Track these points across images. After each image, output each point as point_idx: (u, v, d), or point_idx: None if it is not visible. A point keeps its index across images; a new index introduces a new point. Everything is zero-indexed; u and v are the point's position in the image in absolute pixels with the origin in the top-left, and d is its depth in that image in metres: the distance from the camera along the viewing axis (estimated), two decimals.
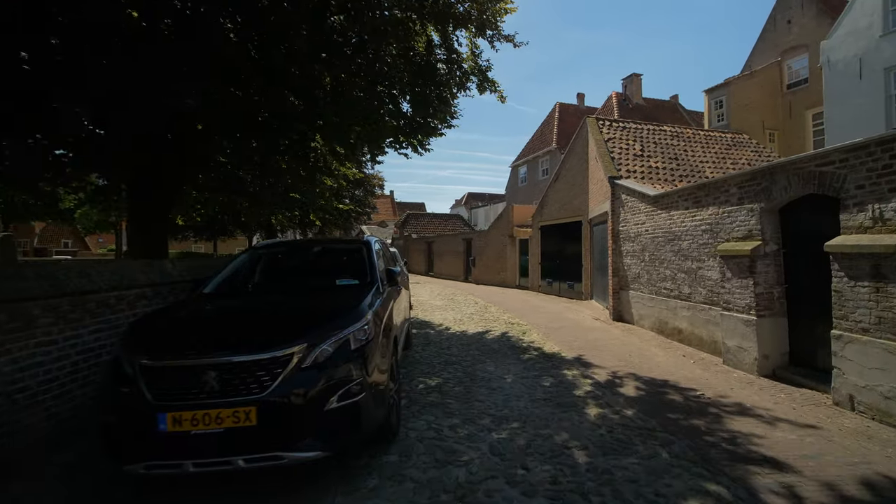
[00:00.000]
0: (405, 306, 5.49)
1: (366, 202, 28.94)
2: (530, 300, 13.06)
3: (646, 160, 10.67)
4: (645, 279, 7.83)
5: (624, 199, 8.66)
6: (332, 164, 12.14)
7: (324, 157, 11.28)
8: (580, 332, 7.84)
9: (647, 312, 7.79)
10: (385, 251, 6.44)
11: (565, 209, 13.62)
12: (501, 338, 7.43)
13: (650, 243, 7.61)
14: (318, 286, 3.95)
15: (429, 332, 8.07)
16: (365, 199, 28.59)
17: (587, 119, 12.30)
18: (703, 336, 6.19)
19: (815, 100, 20.00)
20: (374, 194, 31.59)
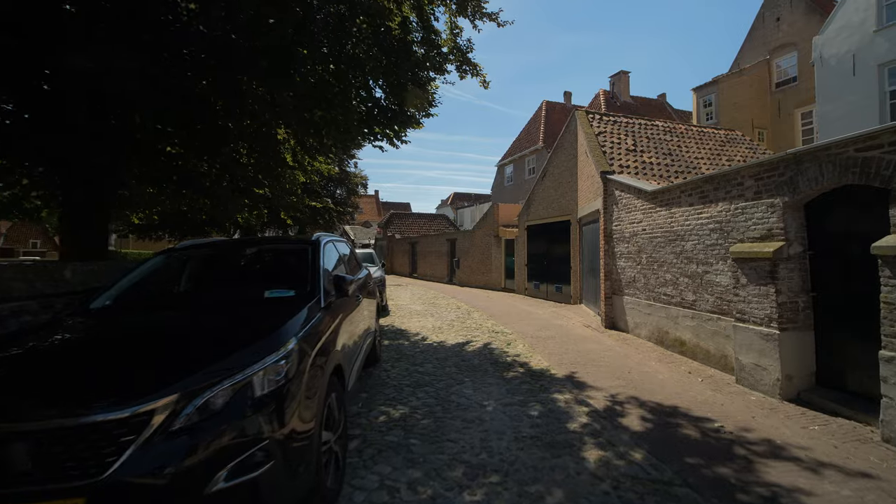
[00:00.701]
0: (366, 320, 4.62)
1: (348, 201, 27.94)
2: (516, 304, 12.28)
3: (639, 155, 9.97)
4: (641, 284, 7.09)
5: (618, 196, 7.92)
6: (304, 158, 11.23)
7: (292, 149, 10.38)
8: (570, 343, 7.06)
9: (644, 320, 7.04)
10: (352, 253, 5.56)
11: (553, 208, 12.89)
12: (483, 350, 6.60)
13: (647, 244, 6.87)
14: (240, 300, 3.06)
15: (403, 343, 7.20)
16: (347, 199, 27.58)
17: (576, 112, 11.58)
18: (711, 349, 5.45)
19: (804, 98, 19.71)
20: (355, 193, 30.49)
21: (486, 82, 7.66)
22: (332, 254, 4.10)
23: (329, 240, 4.18)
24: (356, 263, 5.55)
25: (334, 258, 4.19)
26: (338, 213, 26.21)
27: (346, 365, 3.19)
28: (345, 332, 3.30)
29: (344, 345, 3.18)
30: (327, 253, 3.87)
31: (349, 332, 3.49)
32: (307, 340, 2.46)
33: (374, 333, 5.44)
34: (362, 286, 4.82)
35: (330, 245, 4.11)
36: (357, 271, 5.05)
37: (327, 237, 4.22)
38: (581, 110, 11.59)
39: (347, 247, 5.56)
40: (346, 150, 10.03)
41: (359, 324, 4.03)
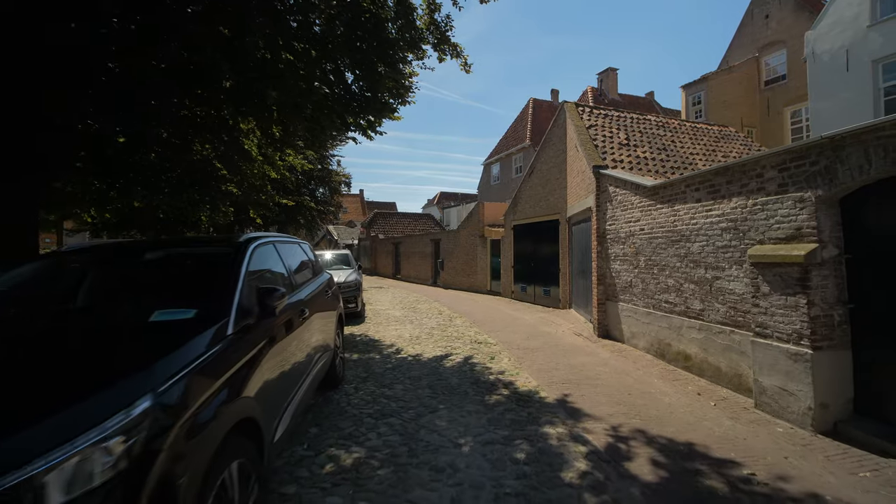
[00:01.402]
0: (318, 340, 3.79)
1: (331, 200, 26.93)
2: (502, 309, 11.54)
3: (632, 150, 9.31)
4: (639, 289, 6.39)
5: (612, 193, 7.22)
6: (272, 151, 10.34)
7: (257, 141, 9.47)
8: (561, 356, 6.32)
9: (642, 330, 6.35)
10: (309, 259, 4.72)
11: (541, 206, 12.18)
12: (464, 365, 5.82)
13: (646, 245, 6.17)
14: (114, 324, 2.22)
15: (373, 357, 6.38)
16: (331, 198, 26.58)
17: (565, 104, 10.89)
18: (722, 366, 4.75)
19: (793, 97, 19.42)
20: (337, 192, 29.45)
21: (467, 65, 6.89)
22: (269, 259, 3.27)
23: (267, 241, 3.35)
24: (313, 269, 4.71)
25: (274, 264, 3.36)
26: (318, 211, 25.18)
27: (268, 413, 2.37)
28: (270, 366, 2.48)
29: (265, 385, 2.35)
30: (260, 258, 3.04)
31: (280, 363, 2.66)
32: (187, 391, 1.64)
33: (334, 351, 4.62)
34: (314, 298, 4.00)
35: (267, 248, 3.28)
36: (309, 280, 4.21)
37: (266, 238, 3.39)
38: (570, 102, 10.91)
39: (305, 249, 4.72)
40: (317, 142, 9.10)
41: (300, 349, 3.21)
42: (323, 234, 45.66)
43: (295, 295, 3.36)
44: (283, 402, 2.74)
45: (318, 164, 21.73)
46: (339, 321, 5.06)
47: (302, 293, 3.56)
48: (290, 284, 3.48)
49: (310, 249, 5.09)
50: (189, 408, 1.63)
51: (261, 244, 3.14)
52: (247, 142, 9.44)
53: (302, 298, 3.48)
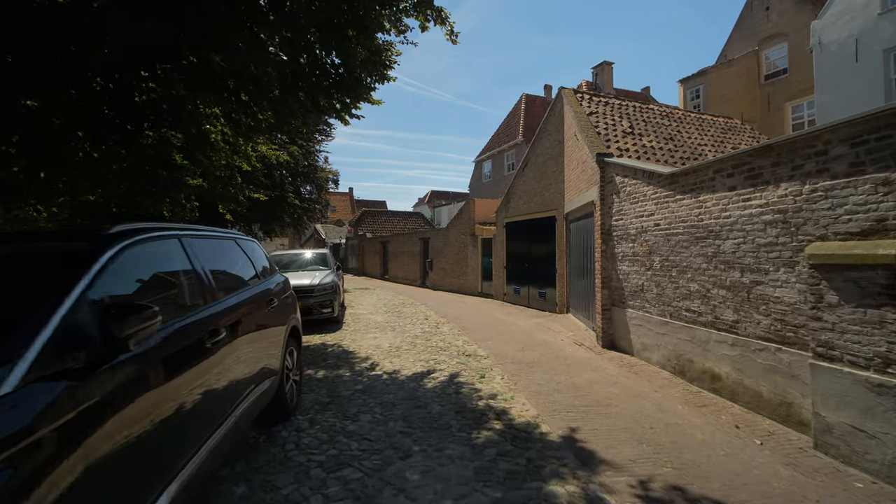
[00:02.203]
0: (243, 374, 2.79)
1: (319, 199, 25.83)
2: (494, 313, 10.61)
3: (637, 138, 8.44)
4: (653, 294, 5.50)
5: (619, 184, 6.32)
6: (237, 138, 9.32)
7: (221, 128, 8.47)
8: (563, 372, 5.41)
9: (656, 342, 5.46)
10: (250, 259, 3.75)
11: (535, 202, 11.28)
12: (448, 386, 4.87)
13: (662, 243, 5.28)
14: None
15: (342, 375, 5.40)
16: (318, 196, 25.48)
17: (563, 90, 10.00)
18: (764, 392, 3.87)
19: (794, 91, 18.78)
20: (324, 189, 28.25)
21: (453, 34, 5.94)
22: (162, 262, 2.30)
23: (163, 236, 2.38)
24: (258, 273, 3.74)
25: (173, 269, 2.39)
26: (304, 209, 24.09)
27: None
28: (122, 433, 1.51)
29: (102, 471, 1.39)
30: (138, 262, 2.07)
31: (149, 422, 1.69)
32: None
33: (281, 375, 3.64)
34: (246, 311, 3.03)
35: (160, 247, 2.30)
36: (242, 288, 3.23)
37: (163, 231, 2.41)
38: (568, 89, 10.02)
39: (244, 247, 3.73)
40: (286, 127, 8.08)
41: (207, 386, 2.24)
42: (311, 234, 44.50)
43: (199, 312, 2.38)
44: (158, 482, 1.77)
45: (303, 160, 20.66)
46: (291, 336, 4.08)
47: (217, 307, 2.59)
48: (200, 296, 2.50)
49: (255, 247, 4.11)
50: None
51: (144, 241, 2.16)
52: (212, 129, 8.45)
53: (212, 314, 2.50)
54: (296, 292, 8.74)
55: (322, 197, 27.06)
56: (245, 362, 2.83)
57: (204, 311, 2.43)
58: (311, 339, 7.69)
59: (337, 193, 55.85)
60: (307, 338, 7.72)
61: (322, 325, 8.90)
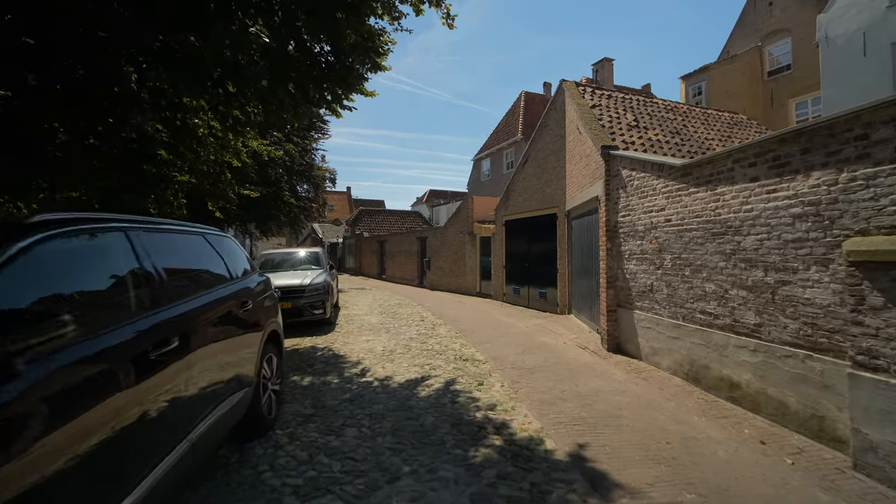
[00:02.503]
0: (205, 387, 2.41)
1: (316, 197, 25.42)
2: (492, 314, 10.24)
3: (643, 132, 8.08)
4: (663, 295, 5.13)
5: (626, 177, 5.96)
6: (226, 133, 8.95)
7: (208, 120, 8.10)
8: (567, 379, 5.04)
9: (667, 346, 5.09)
10: (220, 256, 3.38)
11: (536, 199, 10.92)
12: (444, 395, 4.50)
13: (674, 240, 4.92)
14: None
15: (331, 381, 5.02)
16: (315, 195, 25.09)
17: (564, 83, 9.63)
18: (791, 403, 3.50)
19: (798, 87, 18.46)
20: (320, 187, 27.86)
21: (450, 17, 5.58)
22: (93, 263, 1.92)
23: (97, 229, 2.00)
24: (229, 271, 3.36)
25: (110, 271, 2.01)
26: (300, 208, 23.77)
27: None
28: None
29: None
30: (47, 260, 1.68)
31: (37, 468, 1.32)
32: None
33: (256, 385, 3.27)
34: (212, 316, 2.65)
35: (77, 243, 1.91)
36: (210, 290, 2.85)
37: (96, 224, 2.02)
38: (570, 81, 9.65)
39: (213, 242, 3.35)
40: (276, 118, 7.69)
41: (149, 406, 1.86)
42: (308, 233, 44.09)
43: (144, 319, 2.00)
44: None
45: (299, 158, 20.30)
46: (270, 342, 3.71)
47: (169, 312, 2.21)
48: (149, 299, 2.12)
49: (230, 244, 3.73)
50: None
51: (71, 233, 1.79)
52: (199, 122, 8.09)
53: (161, 322, 2.12)
54: (285, 293, 8.41)
55: (319, 196, 26.71)
56: (209, 373, 2.46)
57: (151, 318, 2.05)
58: (301, 341, 7.31)
59: (334, 192, 55.42)
60: (296, 341, 7.34)
61: (313, 326, 8.52)
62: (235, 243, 3.93)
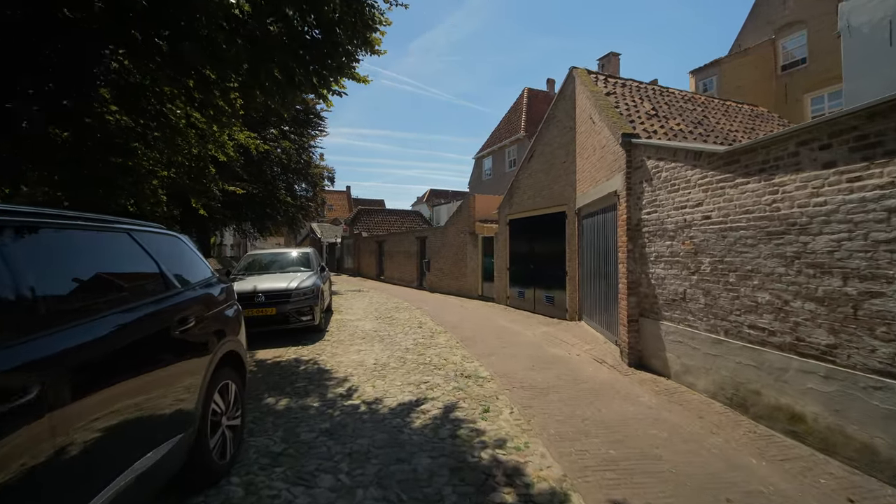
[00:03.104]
0: (96, 443, 1.70)
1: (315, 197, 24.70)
2: (496, 320, 9.51)
3: (663, 121, 7.34)
4: (700, 304, 4.39)
5: (652, 169, 5.22)
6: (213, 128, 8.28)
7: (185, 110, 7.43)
8: (587, 403, 4.30)
9: (704, 364, 4.35)
10: (152, 258, 2.63)
11: (543, 197, 10.18)
12: (442, 426, 3.76)
13: (714, 240, 4.18)
14: None
15: (309, 405, 4.29)
16: (315, 194, 24.37)
17: (575, 70, 8.90)
18: (881, 447, 2.76)
19: (814, 82, 17.69)
20: (318, 185, 27.09)
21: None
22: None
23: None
24: (164, 279, 2.62)
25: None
26: (296, 207, 23.03)
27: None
28: None
29: None
30: None
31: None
32: None
33: (198, 427, 2.53)
34: (122, 342, 1.92)
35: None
36: (126, 308, 2.11)
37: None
38: (581, 69, 8.92)
39: (141, 241, 2.61)
40: (256, 103, 6.94)
41: None
42: (307, 233, 43.38)
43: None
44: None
45: (296, 156, 19.58)
46: (224, 366, 2.97)
47: (40, 344, 1.48)
48: (10, 325, 1.39)
49: (174, 244, 2.99)
50: None
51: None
52: (172, 110, 7.39)
53: (25, 364, 1.39)
54: (269, 297, 7.66)
55: (317, 195, 25.96)
56: (112, 419, 1.73)
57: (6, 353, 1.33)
58: (285, 353, 6.58)
59: (334, 192, 54.69)
60: (278, 352, 6.61)
61: (300, 334, 7.79)
62: (185, 243, 3.20)
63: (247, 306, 7.28)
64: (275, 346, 7.04)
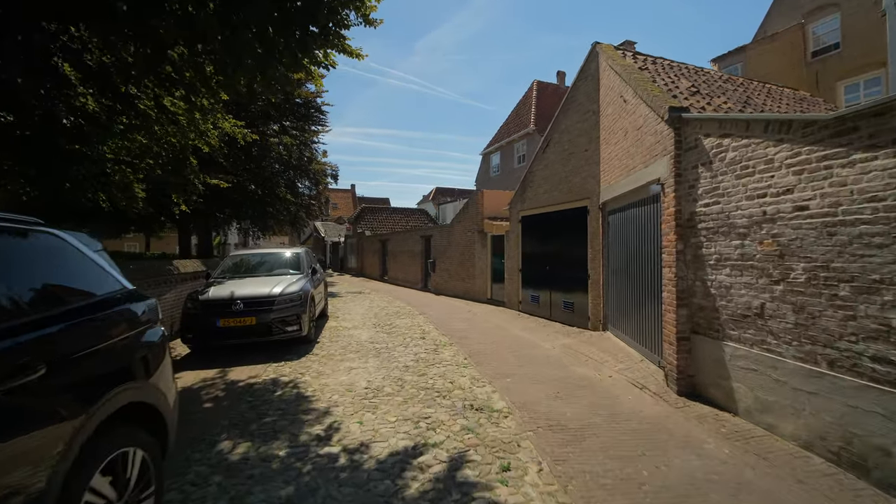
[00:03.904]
0: None
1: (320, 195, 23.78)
2: (509, 328, 8.47)
3: (708, 99, 6.25)
4: (788, 323, 3.33)
5: (712, 149, 4.15)
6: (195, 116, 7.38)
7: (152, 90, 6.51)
8: (639, 456, 3.25)
9: (795, 402, 3.29)
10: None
11: (560, 190, 9.11)
12: (446, 495, 2.74)
13: (815, 239, 3.11)
14: None
15: (275, 454, 3.28)
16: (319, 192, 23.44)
17: (599, 46, 7.82)
18: None
19: (848, 69, 16.41)
20: (320, 183, 26.07)
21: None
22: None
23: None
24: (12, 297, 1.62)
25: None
26: (298, 205, 22.06)
27: None
28: None
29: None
30: None
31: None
32: None
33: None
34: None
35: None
36: None
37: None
38: (606, 44, 7.84)
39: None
40: (235, 81, 5.91)
41: None
42: (310, 232, 42.55)
43: None
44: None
45: (297, 152, 18.64)
46: (116, 427, 1.96)
47: None
48: None
49: (37, 246, 1.98)
50: None
51: None
52: (141, 94, 6.48)
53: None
54: (249, 305, 6.59)
55: (321, 193, 25.03)
56: None
57: None
58: (263, 371, 5.60)
59: (338, 190, 53.79)
60: (255, 370, 5.62)
61: (286, 347, 6.81)
62: (70, 245, 2.19)
63: (223, 315, 6.33)
64: (254, 361, 6.07)
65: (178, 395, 2.60)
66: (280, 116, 15.79)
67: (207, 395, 4.74)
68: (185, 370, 5.72)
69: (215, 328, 6.24)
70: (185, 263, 8.77)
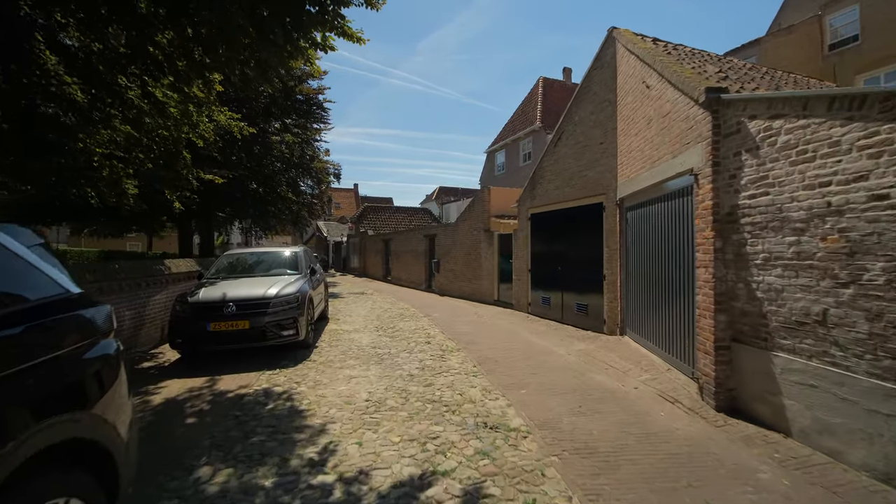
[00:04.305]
0: None
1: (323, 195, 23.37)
2: (519, 332, 7.99)
3: (739, 85, 5.75)
4: (860, 333, 2.84)
5: (759, 133, 3.66)
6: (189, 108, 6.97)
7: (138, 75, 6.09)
8: (682, 487, 2.76)
9: (866, 426, 2.80)
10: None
11: (574, 186, 8.62)
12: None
13: (894, 233, 2.62)
14: None
15: (261, 483, 2.82)
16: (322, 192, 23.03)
17: (616, 31, 7.33)
18: None
19: (868, 61, 15.82)
20: (323, 182, 25.57)
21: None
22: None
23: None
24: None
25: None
26: (300, 204, 21.59)
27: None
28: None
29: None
30: None
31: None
32: None
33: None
34: None
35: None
36: None
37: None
38: (624, 29, 7.35)
39: None
40: (231, 66, 5.43)
41: None
42: (313, 232, 42.17)
43: None
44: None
45: (298, 150, 18.19)
46: (45, 472, 1.50)
47: None
48: None
49: None
50: None
51: None
52: (131, 82, 6.07)
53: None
54: (242, 307, 6.10)
55: (323, 192, 24.60)
56: None
57: None
58: (255, 380, 5.15)
59: (341, 189, 53.44)
60: (246, 378, 5.17)
61: (282, 352, 6.37)
62: (10, 239, 1.74)
63: (214, 318, 5.88)
64: (246, 368, 5.63)
65: (135, 422, 2.14)
66: (281, 113, 15.37)
67: (192, 407, 4.29)
68: (172, 378, 5.28)
69: (206, 332, 5.80)
70: (178, 263, 8.34)
